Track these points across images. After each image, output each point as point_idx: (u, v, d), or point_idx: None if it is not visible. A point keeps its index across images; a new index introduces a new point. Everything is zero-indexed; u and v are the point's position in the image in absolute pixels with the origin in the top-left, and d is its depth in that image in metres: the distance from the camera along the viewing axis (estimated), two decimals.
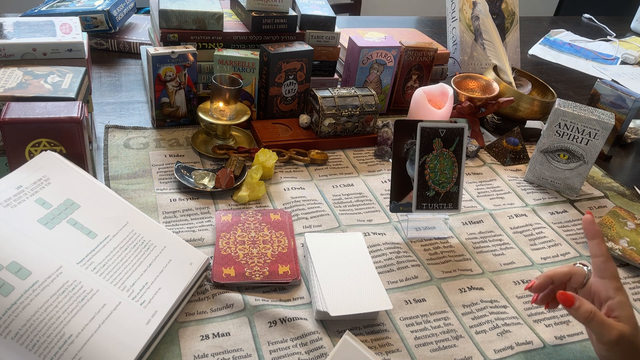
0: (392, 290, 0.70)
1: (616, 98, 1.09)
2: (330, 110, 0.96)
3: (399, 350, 0.62)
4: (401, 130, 0.77)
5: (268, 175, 0.88)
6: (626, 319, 0.58)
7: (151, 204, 0.79)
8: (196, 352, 0.59)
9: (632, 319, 0.58)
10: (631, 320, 0.58)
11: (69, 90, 0.75)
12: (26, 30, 0.88)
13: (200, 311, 0.63)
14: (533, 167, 0.97)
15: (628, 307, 0.59)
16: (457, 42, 1.34)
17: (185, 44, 0.96)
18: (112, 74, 1.17)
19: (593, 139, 0.90)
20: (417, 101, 0.99)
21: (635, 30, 2.01)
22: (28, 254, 0.55)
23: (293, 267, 0.70)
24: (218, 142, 0.94)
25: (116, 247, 0.62)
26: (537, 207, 0.92)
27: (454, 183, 0.79)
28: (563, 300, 0.58)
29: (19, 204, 0.60)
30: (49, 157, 0.67)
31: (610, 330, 0.57)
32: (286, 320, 0.63)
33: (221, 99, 0.89)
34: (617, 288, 0.59)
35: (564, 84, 1.49)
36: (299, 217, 0.81)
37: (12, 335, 0.50)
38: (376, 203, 0.87)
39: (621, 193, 1.00)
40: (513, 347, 0.65)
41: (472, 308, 0.69)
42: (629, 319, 0.58)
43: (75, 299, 0.54)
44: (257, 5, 0.99)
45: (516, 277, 0.76)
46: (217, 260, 0.69)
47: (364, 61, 1.05)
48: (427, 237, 0.81)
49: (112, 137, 0.93)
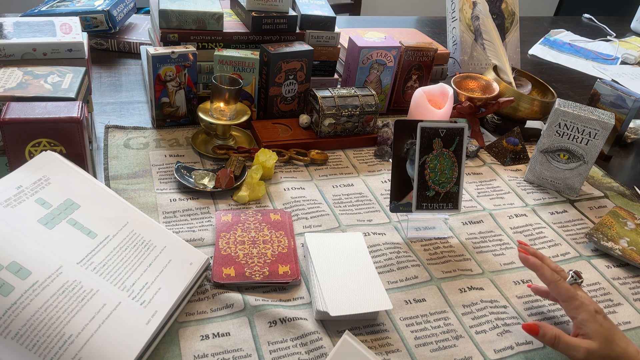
0: (392, 290, 0.70)
1: (616, 98, 1.09)
2: (330, 110, 0.96)
3: (399, 350, 0.62)
4: (401, 130, 0.77)
5: (268, 175, 0.88)
6: (593, 334, 0.59)
7: (151, 204, 0.79)
8: (196, 352, 0.59)
9: (600, 333, 0.59)
10: (599, 334, 0.59)
11: (69, 90, 0.75)
12: (26, 30, 0.88)
13: (200, 311, 0.63)
14: (533, 167, 0.97)
15: (591, 323, 0.60)
16: (457, 42, 1.34)
17: (185, 44, 0.96)
18: (112, 74, 1.17)
19: (593, 139, 0.90)
20: (417, 101, 0.99)
21: (635, 30, 2.01)
22: (28, 254, 0.55)
23: (293, 267, 0.70)
24: (218, 142, 0.94)
25: (116, 247, 0.62)
26: (537, 207, 0.92)
27: (454, 183, 0.79)
28: (528, 331, 0.62)
29: (19, 204, 0.60)
30: (49, 157, 0.67)
31: (578, 350, 0.59)
32: (286, 320, 0.63)
33: (221, 99, 0.89)
34: (576, 307, 0.61)
35: (564, 84, 1.49)
36: (299, 217, 0.81)
37: (12, 335, 0.50)
38: (376, 203, 0.87)
39: (621, 193, 1.00)
40: (513, 347, 0.65)
41: (472, 308, 0.69)
42: (596, 334, 0.59)
43: (75, 299, 0.54)
44: (257, 5, 0.99)
45: (516, 277, 0.76)
46: (217, 260, 0.69)
47: (364, 61, 1.05)
48: (427, 237, 0.81)
49: (112, 137, 0.93)
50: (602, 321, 0.60)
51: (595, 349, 0.58)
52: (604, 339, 0.59)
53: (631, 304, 0.74)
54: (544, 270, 0.64)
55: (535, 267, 0.64)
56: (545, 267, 0.64)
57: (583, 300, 0.61)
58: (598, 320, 0.60)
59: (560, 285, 0.62)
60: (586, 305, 0.61)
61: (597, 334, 0.59)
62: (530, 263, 0.65)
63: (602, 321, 0.60)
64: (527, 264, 0.65)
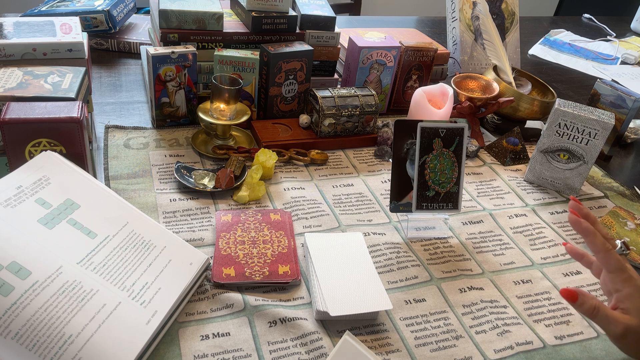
0: (392, 290, 0.70)
1: (616, 98, 1.09)
2: (330, 110, 0.96)
3: (399, 350, 0.62)
4: (401, 130, 0.77)
5: (268, 175, 0.88)
6: (635, 310, 0.56)
7: (151, 204, 0.79)
8: (196, 352, 0.59)
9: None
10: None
11: (69, 90, 0.75)
12: (26, 30, 0.88)
13: (200, 311, 0.63)
14: (533, 167, 0.97)
15: (636, 299, 0.57)
16: (457, 42, 1.34)
17: (185, 44, 0.96)
18: (112, 74, 1.17)
19: (593, 139, 0.90)
20: (417, 101, 0.99)
21: (635, 30, 2.01)
22: (28, 254, 0.55)
23: (293, 267, 0.70)
24: (218, 142, 0.94)
25: (116, 247, 0.62)
26: (537, 207, 0.92)
27: (454, 183, 0.79)
28: (567, 297, 0.58)
29: (19, 204, 0.60)
30: (49, 157, 0.67)
31: (616, 324, 0.56)
32: (286, 320, 0.63)
33: (221, 99, 0.89)
34: (624, 280, 0.58)
35: (564, 84, 1.49)
36: (299, 217, 0.81)
37: (12, 335, 0.50)
38: (376, 203, 0.87)
39: (621, 193, 1.00)
40: (513, 347, 0.65)
41: (472, 308, 0.69)
42: (638, 311, 0.56)
43: (75, 299, 0.54)
44: (257, 5, 0.99)
45: (516, 277, 0.76)
46: (217, 260, 0.69)
47: (364, 61, 1.05)
48: (427, 237, 0.81)
49: (112, 137, 0.93)
50: None
51: (634, 325, 0.56)
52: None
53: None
54: (596, 238, 0.59)
55: (587, 233, 0.60)
56: (598, 234, 0.59)
57: (632, 273, 0.58)
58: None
59: (612, 255, 0.58)
60: (635, 279, 0.57)
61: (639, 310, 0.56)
62: (582, 228, 0.60)
63: None
64: (577, 229, 0.60)
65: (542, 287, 0.74)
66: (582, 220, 0.60)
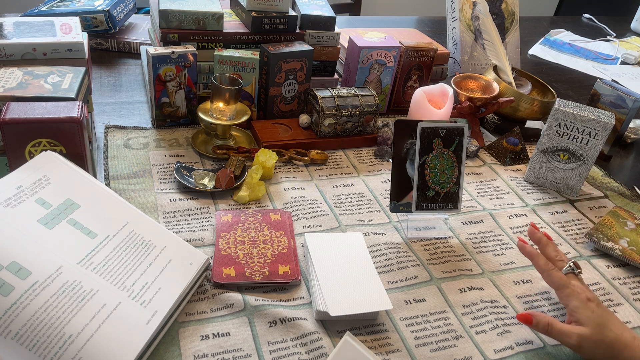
0: (392, 290, 0.70)
1: (616, 98, 1.09)
2: (330, 110, 0.96)
3: (399, 350, 0.62)
4: (401, 130, 0.77)
5: (268, 175, 0.88)
6: (585, 320, 0.60)
7: (151, 204, 0.79)
8: (196, 352, 0.59)
9: (592, 319, 0.60)
10: (590, 320, 0.60)
11: (69, 90, 0.75)
12: (26, 30, 0.88)
13: (200, 311, 0.63)
14: (533, 167, 0.97)
15: (583, 309, 0.61)
16: (457, 42, 1.34)
17: (185, 44, 0.96)
18: (112, 74, 1.17)
19: (593, 139, 0.90)
20: (417, 101, 0.99)
21: (635, 30, 2.01)
22: (28, 254, 0.55)
23: (293, 267, 0.70)
24: (218, 142, 0.94)
25: (116, 247, 0.62)
26: (537, 207, 0.92)
27: (454, 183, 0.79)
28: (522, 320, 0.63)
29: (19, 204, 0.60)
30: (49, 157, 0.67)
31: (570, 336, 0.60)
32: (286, 320, 0.63)
33: (221, 99, 0.89)
34: (568, 295, 0.63)
35: (564, 84, 1.49)
36: (299, 217, 0.81)
37: (12, 335, 0.50)
38: (376, 203, 0.87)
39: (621, 193, 1.00)
40: (513, 347, 0.65)
41: (472, 308, 0.69)
42: (588, 320, 0.60)
43: (75, 299, 0.54)
44: (257, 5, 0.99)
45: (516, 277, 0.76)
46: (217, 260, 0.69)
47: (364, 61, 1.05)
48: (427, 237, 0.81)
49: (112, 137, 0.93)
50: (594, 308, 0.61)
51: (587, 334, 0.59)
52: (596, 325, 0.60)
53: (631, 304, 0.74)
54: (539, 259, 0.67)
55: (531, 256, 0.68)
56: (541, 257, 0.67)
57: (574, 288, 0.63)
58: (590, 307, 0.61)
59: (553, 274, 0.65)
60: (577, 293, 0.62)
61: (589, 320, 0.60)
62: (526, 252, 0.68)
63: (594, 308, 0.61)
64: (523, 252, 0.69)
65: (542, 287, 0.74)
66: (526, 245, 0.69)
